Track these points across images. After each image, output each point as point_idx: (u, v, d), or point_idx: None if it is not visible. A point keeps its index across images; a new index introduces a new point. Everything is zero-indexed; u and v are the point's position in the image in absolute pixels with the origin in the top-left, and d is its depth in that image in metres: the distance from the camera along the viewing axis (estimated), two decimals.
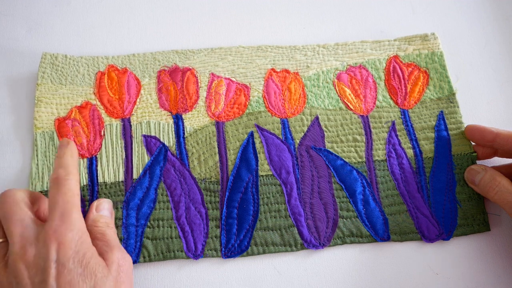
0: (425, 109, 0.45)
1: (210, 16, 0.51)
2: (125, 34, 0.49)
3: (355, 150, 0.44)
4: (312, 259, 0.40)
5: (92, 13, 0.50)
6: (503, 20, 0.51)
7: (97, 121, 0.44)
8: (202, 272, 0.39)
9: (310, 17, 0.51)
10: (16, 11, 0.49)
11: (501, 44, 0.50)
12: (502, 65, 0.49)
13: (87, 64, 0.46)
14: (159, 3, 0.51)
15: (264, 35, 0.50)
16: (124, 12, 0.50)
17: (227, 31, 0.50)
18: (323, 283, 0.39)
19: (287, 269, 0.40)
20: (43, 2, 0.50)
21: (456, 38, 0.50)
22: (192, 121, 0.44)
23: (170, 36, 0.49)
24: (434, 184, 0.42)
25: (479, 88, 0.48)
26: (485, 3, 0.52)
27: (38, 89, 0.44)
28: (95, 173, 0.42)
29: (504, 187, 0.38)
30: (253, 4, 0.51)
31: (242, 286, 0.39)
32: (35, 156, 0.42)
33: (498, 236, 0.41)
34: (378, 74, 0.47)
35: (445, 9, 0.52)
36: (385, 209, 0.41)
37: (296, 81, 0.46)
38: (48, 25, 0.49)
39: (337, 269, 0.40)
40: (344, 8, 0.52)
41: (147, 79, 0.46)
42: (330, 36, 0.49)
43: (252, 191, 0.42)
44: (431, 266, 0.40)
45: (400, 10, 0.52)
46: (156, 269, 0.39)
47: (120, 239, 0.39)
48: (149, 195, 0.41)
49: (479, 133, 0.41)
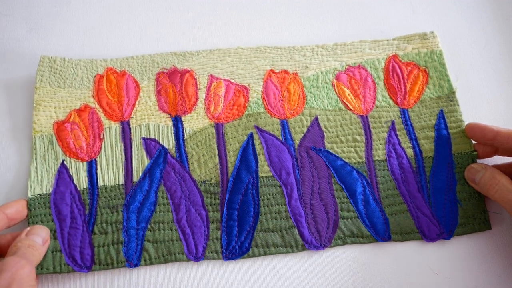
0: (425, 108, 0.45)
1: (210, 16, 0.51)
2: (125, 34, 0.49)
3: (355, 150, 0.44)
4: (313, 260, 0.40)
5: (92, 13, 0.50)
6: (503, 20, 0.51)
7: (96, 124, 0.43)
8: (203, 274, 0.39)
9: (310, 17, 0.51)
10: (16, 11, 0.49)
11: (501, 44, 0.50)
12: (502, 65, 0.49)
13: (86, 67, 0.46)
14: (159, 3, 0.51)
15: (264, 35, 0.50)
16: (124, 12, 0.50)
17: (227, 31, 0.50)
18: (324, 284, 0.39)
19: (288, 270, 0.40)
20: (43, 2, 0.50)
21: (456, 38, 0.50)
22: (191, 123, 0.44)
23: (170, 36, 0.49)
24: (435, 183, 0.42)
25: (479, 88, 0.48)
26: (485, 3, 0.52)
27: (37, 92, 0.44)
28: (95, 177, 0.42)
29: (504, 186, 0.38)
30: (253, 4, 0.51)
31: (244, 287, 0.39)
32: (34, 160, 0.42)
33: (499, 235, 0.41)
34: (377, 73, 0.47)
35: (445, 9, 0.52)
36: (385, 209, 0.41)
37: (295, 82, 0.46)
38: (48, 25, 0.49)
39: (338, 269, 0.40)
40: (344, 8, 0.52)
41: (146, 81, 0.45)
42: (330, 36, 0.49)
43: (253, 192, 0.41)
44: (432, 265, 0.40)
45: (400, 10, 0.52)
46: (157, 272, 0.39)
47: (121, 242, 0.39)
48: (149, 198, 0.41)
49: (480, 131, 0.41)
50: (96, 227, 0.40)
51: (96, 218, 0.40)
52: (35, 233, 0.37)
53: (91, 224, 0.40)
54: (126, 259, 0.39)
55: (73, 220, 0.40)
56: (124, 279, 0.39)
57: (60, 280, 0.39)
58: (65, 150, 0.42)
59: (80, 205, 0.40)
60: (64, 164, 0.42)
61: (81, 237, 0.39)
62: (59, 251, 0.39)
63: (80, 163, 0.42)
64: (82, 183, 0.41)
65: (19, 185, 0.42)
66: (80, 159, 0.42)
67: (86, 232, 0.40)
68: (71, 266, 0.38)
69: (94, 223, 0.40)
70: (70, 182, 0.41)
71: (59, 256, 0.38)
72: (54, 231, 0.39)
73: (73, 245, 0.39)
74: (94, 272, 0.39)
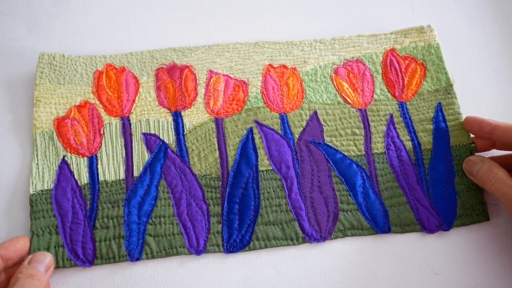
0: (423, 101, 0.46)
1: (210, 16, 0.51)
2: (125, 34, 0.49)
3: (354, 143, 0.44)
4: (313, 252, 0.40)
5: (92, 13, 0.50)
6: (503, 20, 0.52)
7: (97, 120, 0.44)
8: (204, 268, 0.40)
9: (309, 17, 0.51)
10: (16, 11, 0.49)
11: (501, 44, 0.50)
12: (502, 65, 0.49)
13: (85, 64, 0.46)
14: (159, 3, 0.51)
15: (264, 35, 0.49)
16: (124, 12, 0.50)
17: (227, 31, 0.50)
18: (324, 276, 0.39)
19: (288, 263, 0.40)
20: (43, 2, 0.50)
21: (456, 38, 0.50)
22: (191, 118, 0.44)
23: (170, 36, 0.49)
24: (433, 175, 0.42)
25: (479, 88, 0.48)
26: (485, 3, 0.53)
27: (37, 89, 0.44)
28: (96, 172, 0.42)
29: (501, 179, 0.38)
30: (252, 4, 0.51)
31: (245, 280, 0.39)
32: (35, 156, 0.42)
33: (497, 226, 0.41)
34: (375, 67, 0.47)
35: (445, 9, 0.52)
36: (385, 201, 0.42)
37: (294, 76, 0.46)
38: (48, 25, 0.49)
39: (339, 261, 0.40)
40: (344, 8, 0.52)
41: (145, 77, 0.46)
42: (330, 36, 0.49)
43: (253, 186, 0.42)
44: (431, 257, 0.40)
45: (400, 10, 0.52)
46: (158, 266, 0.39)
47: (122, 236, 0.39)
48: (150, 193, 0.41)
49: (478, 125, 0.42)
50: (97, 221, 0.40)
51: (97, 213, 0.40)
52: (37, 260, 0.37)
53: (93, 219, 0.40)
54: (128, 253, 0.39)
55: (75, 215, 0.40)
56: (126, 273, 0.39)
57: (62, 275, 0.39)
58: (65, 146, 0.42)
59: (81, 200, 0.41)
60: (65, 160, 0.42)
61: (82, 232, 0.40)
62: (61, 246, 0.39)
63: (81, 159, 0.42)
64: (83, 179, 0.42)
65: (20, 182, 0.42)
66: (81, 154, 0.42)
67: (88, 227, 0.40)
68: (73, 261, 0.39)
69: (96, 218, 0.40)
70: (71, 178, 0.41)
71: (61, 251, 0.39)
72: (56, 226, 0.39)
73: (75, 240, 0.39)
74: (96, 267, 0.39)
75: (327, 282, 0.39)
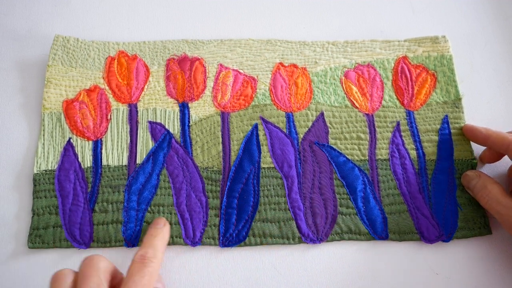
0: (431, 111, 0.45)
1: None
2: (125, 34, 0.49)
3: (358, 148, 0.44)
4: (309, 254, 0.40)
5: (92, 13, 0.50)
6: (503, 20, 0.51)
7: (105, 105, 0.44)
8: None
9: (310, 17, 0.51)
10: (16, 11, 0.50)
11: (501, 44, 0.50)
12: (502, 65, 0.49)
13: (98, 49, 0.46)
14: (159, 3, 0.51)
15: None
16: (124, 12, 0.51)
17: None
18: (319, 278, 0.39)
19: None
20: (43, 2, 0.50)
21: (456, 38, 0.50)
22: (197, 110, 0.44)
23: (170, 36, 0.49)
24: (436, 186, 0.42)
25: (479, 88, 0.48)
26: (485, 3, 0.52)
27: (49, 70, 0.45)
28: (100, 156, 0.42)
29: (494, 196, 0.38)
30: (252, 4, 0.52)
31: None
32: (42, 136, 0.43)
33: (497, 239, 0.41)
34: (386, 74, 0.47)
35: (445, 9, 0.52)
36: (385, 208, 0.41)
37: (304, 76, 0.46)
38: (48, 25, 0.49)
39: (333, 264, 0.40)
40: (344, 8, 0.52)
41: (156, 66, 0.46)
42: (330, 35, 0.49)
43: (253, 182, 0.42)
44: (429, 266, 0.40)
45: (400, 10, 0.52)
46: None
47: (120, 222, 0.40)
48: (151, 181, 0.41)
49: (472, 133, 0.42)
50: (96, 205, 0.40)
51: (97, 196, 0.41)
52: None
53: (92, 202, 0.40)
54: (124, 238, 0.39)
55: (75, 197, 0.40)
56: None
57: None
58: (72, 128, 0.43)
59: (83, 183, 0.41)
60: (71, 142, 0.42)
61: (81, 214, 0.40)
62: (59, 227, 0.39)
63: (86, 142, 0.43)
64: (86, 162, 0.42)
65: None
66: (86, 138, 0.43)
67: (87, 210, 0.40)
68: (70, 242, 0.39)
69: (95, 201, 0.41)
70: (75, 160, 0.42)
71: (59, 231, 0.39)
72: (56, 206, 0.40)
73: (74, 222, 0.40)
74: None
75: (325, 280, 0.39)
